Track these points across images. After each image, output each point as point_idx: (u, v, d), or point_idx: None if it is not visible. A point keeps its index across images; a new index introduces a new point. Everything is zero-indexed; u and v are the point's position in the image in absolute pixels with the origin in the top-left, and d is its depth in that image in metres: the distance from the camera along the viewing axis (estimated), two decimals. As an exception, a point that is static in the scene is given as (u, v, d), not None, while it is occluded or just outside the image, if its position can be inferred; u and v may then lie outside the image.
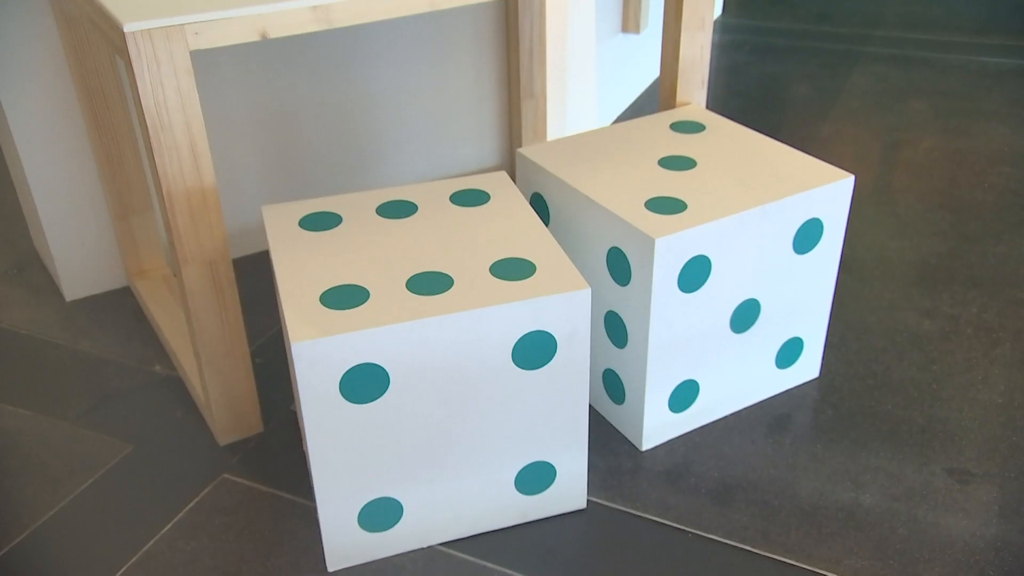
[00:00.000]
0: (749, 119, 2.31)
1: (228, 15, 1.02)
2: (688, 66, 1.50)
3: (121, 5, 1.02)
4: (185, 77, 1.01)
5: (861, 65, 2.64)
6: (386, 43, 1.75)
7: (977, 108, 2.33)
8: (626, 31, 2.37)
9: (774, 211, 1.18)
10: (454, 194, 1.23)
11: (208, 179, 1.08)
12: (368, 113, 1.79)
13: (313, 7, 1.08)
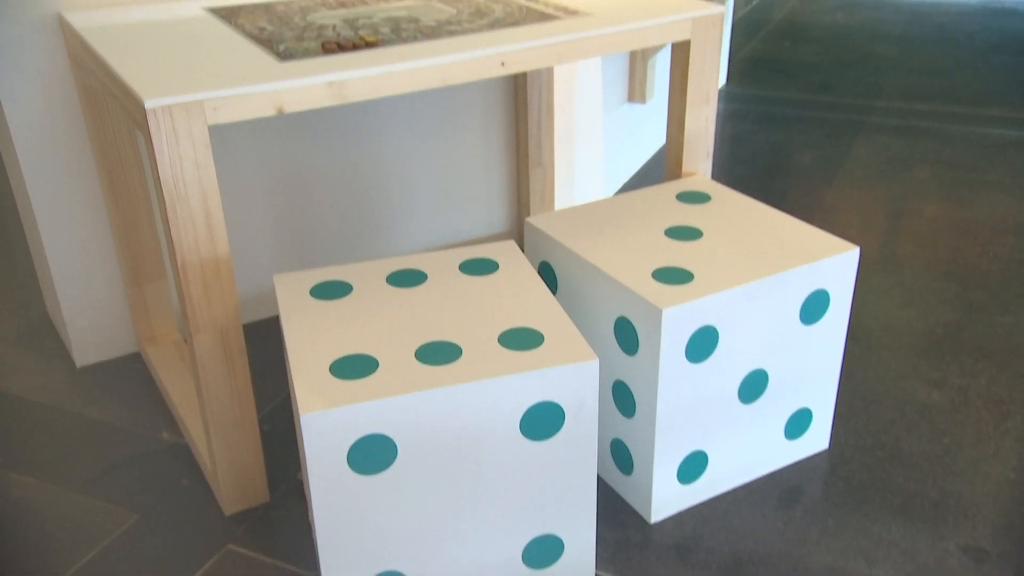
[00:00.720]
0: (754, 187, 2.34)
1: (246, 91, 1.05)
2: (693, 138, 1.52)
3: (142, 81, 1.05)
4: (203, 150, 1.03)
5: (864, 135, 2.68)
6: (397, 111, 1.79)
7: (980, 179, 2.36)
8: (632, 101, 2.42)
9: (780, 282, 1.19)
10: (463, 263, 1.24)
11: (222, 249, 1.09)
12: (379, 180, 1.82)
13: (328, 83, 1.11)
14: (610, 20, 1.35)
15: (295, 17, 1.36)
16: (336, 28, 1.31)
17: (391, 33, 1.29)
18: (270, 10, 1.40)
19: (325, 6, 1.43)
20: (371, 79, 1.14)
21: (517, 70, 1.26)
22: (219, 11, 1.38)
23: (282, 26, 1.31)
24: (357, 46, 1.22)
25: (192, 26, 1.30)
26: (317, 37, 1.26)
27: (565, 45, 1.29)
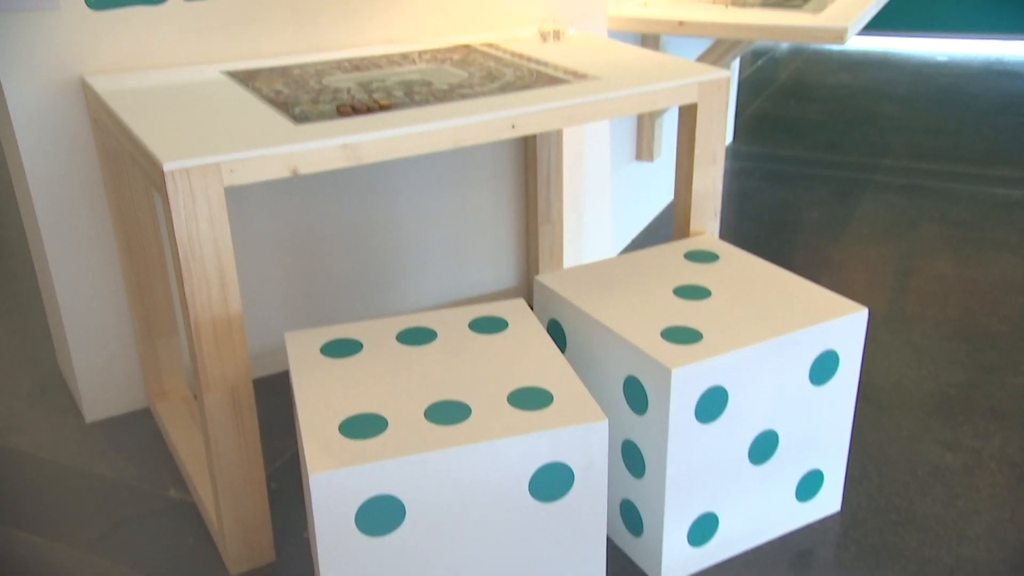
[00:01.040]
0: (761, 244, 2.35)
1: (262, 153, 1.07)
2: (701, 198, 1.54)
3: (161, 143, 1.08)
4: (218, 211, 1.05)
5: (870, 193, 2.70)
6: (408, 168, 1.81)
7: (987, 238, 2.37)
8: (640, 159, 2.45)
9: (790, 343, 1.19)
10: (473, 321, 1.25)
11: (235, 307, 1.10)
12: (390, 235, 1.84)
13: (343, 145, 1.14)
14: (618, 84, 1.37)
15: (311, 80, 1.40)
16: (351, 91, 1.34)
17: (404, 96, 1.32)
18: (286, 73, 1.44)
19: (340, 69, 1.47)
20: (384, 141, 1.17)
21: (527, 132, 1.28)
22: (237, 74, 1.42)
23: (298, 89, 1.35)
24: (371, 109, 1.25)
25: (210, 89, 1.34)
26: (332, 100, 1.29)
27: (574, 108, 1.32)
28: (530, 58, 1.54)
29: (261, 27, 1.51)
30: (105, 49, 1.38)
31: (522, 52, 1.58)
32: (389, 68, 1.48)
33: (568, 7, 1.85)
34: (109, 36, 1.37)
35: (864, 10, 1.95)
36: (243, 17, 1.49)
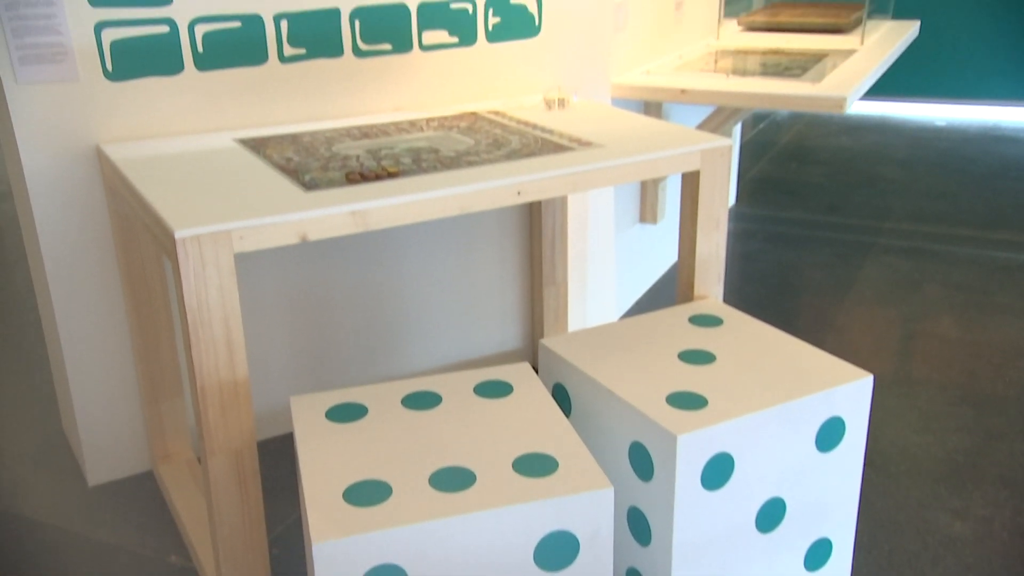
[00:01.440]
0: (765, 306, 2.36)
1: (272, 221, 1.09)
2: (704, 262, 1.56)
3: (173, 211, 1.10)
4: (228, 277, 1.07)
5: (873, 256, 2.72)
6: (415, 231, 1.84)
7: (990, 301, 2.37)
8: (644, 221, 2.48)
9: (795, 409, 1.19)
10: (477, 385, 1.25)
11: (241, 372, 1.11)
12: (396, 297, 1.85)
13: (351, 212, 1.16)
14: (622, 151, 1.40)
15: (321, 148, 1.43)
16: (360, 158, 1.37)
17: (412, 163, 1.34)
18: (297, 140, 1.47)
19: (350, 136, 1.50)
20: (392, 208, 1.19)
21: (533, 199, 1.30)
22: (249, 141, 1.45)
23: (308, 156, 1.37)
24: (380, 176, 1.27)
25: (223, 157, 1.36)
26: (341, 167, 1.32)
27: (579, 176, 1.34)
28: (535, 125, 1.57)
29: (273, 96, 1.55)
30: (121, 118, 1.41)
31: (528, 120, 1.62)
32: (397, 135, 1.51)
33: (572, 76, 1.89)
34: (125, 105, 1.41)
35: (863, 79, 1.99)
36: (256, 86, 1.52)
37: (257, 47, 1.50)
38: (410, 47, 1.66)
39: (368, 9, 1.59)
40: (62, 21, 1.30)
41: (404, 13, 1.63)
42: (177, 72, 1.43)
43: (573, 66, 1.89)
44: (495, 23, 1.75)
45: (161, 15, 1.39)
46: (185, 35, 1.42)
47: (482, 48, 1.75)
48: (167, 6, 1.39)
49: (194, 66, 1.44)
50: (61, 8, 1.29)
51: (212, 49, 1.45)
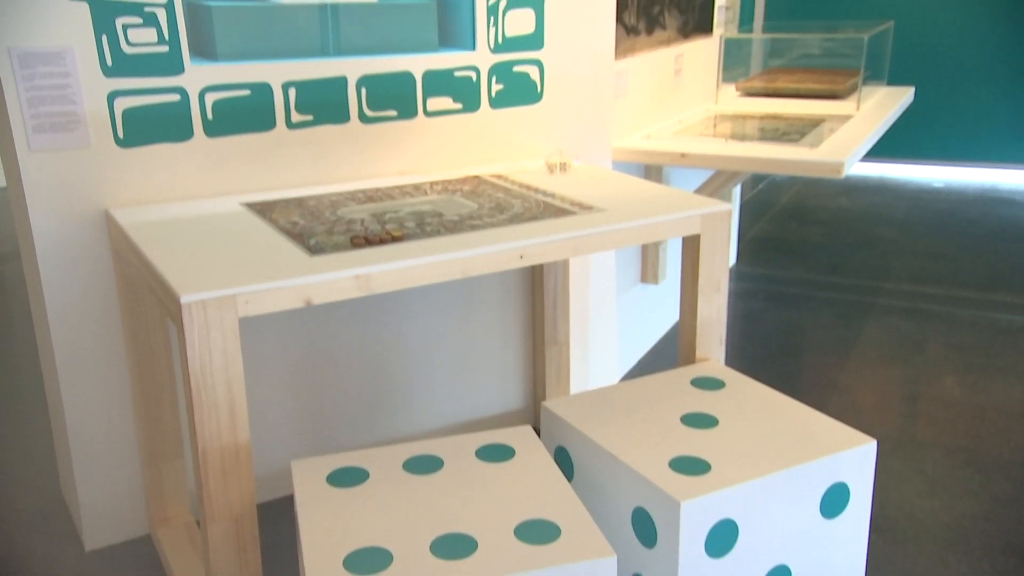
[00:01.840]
0: (767, 367, 2.36)
1: (277, 285, 1.10)
2: (706, 325, 1.56)
3: (178, 275, 1.11)
4: (232, 342, 1.07)
5: (874, 316, 2.72)
6: (417, 292, 1.85)
7: (993, 364, 2.37)
8: (645, 281, 2.49)
9: (799, 475, 1.18)
10: (479, 449, 1.24)
11: (243, 436, 1.11)
12: (398, 358, 1.85)
13: (355, 276, 1.17)
14: (623, 216, 1.42)
15: (326, 211, 1.45)
16: (364, 222, 1.39)
17: (416, 227, 1.36)
18: (303, 204, 1.49)
19: (355, 200, 1.52)
20: (396, 272, 1.20)
21: (535, 262, 1.32)
22: (255, 206, 1.47)
23: (313, 220, 1.39)
24: (384, 240, 1.29)
25: (229, 221, 1.38)
26: (346, 231, 1.33)
27: (580, 239, 1.36)
28: (537, 189, 1.60)
29: (280, 161, 1.58)
30: (130, 183, 1.44)
31: (530, 183, 1.64)
32: (402, 199, 1.53)
33: (574, 140, 1.93)
34: (135, 171, 1.43)
35: (860, 145, 2.02)
36: (263, 152, 1.55)
37: (265, 114, 1.53)
38: (415, 113, 1.70)
39: (374, 77, 1.63)
40: (77, 91, 1.33)
41: (409, 81, 1.67)
42: (187, 138, 1.46)
43: (574, 131, 1.92)
44: (498, 90, 1.79)
45: (173, 84, 1.42)
46: (195, 103, 1.45)
47: (485, 114, 1.79)
48: (179, 75, 1.42)
49: (203, 132, 1.48)
50: (76, 79, 1.32)
51: (221, 116, 1.48)
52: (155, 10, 1.37)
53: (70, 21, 1.30)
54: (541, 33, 1.80)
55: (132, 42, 1.36)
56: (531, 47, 1.80)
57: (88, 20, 1.32)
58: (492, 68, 1.76)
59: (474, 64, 1.74)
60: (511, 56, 1.78)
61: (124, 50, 1.36)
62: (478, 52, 1.74)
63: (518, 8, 1.76)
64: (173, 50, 1.40)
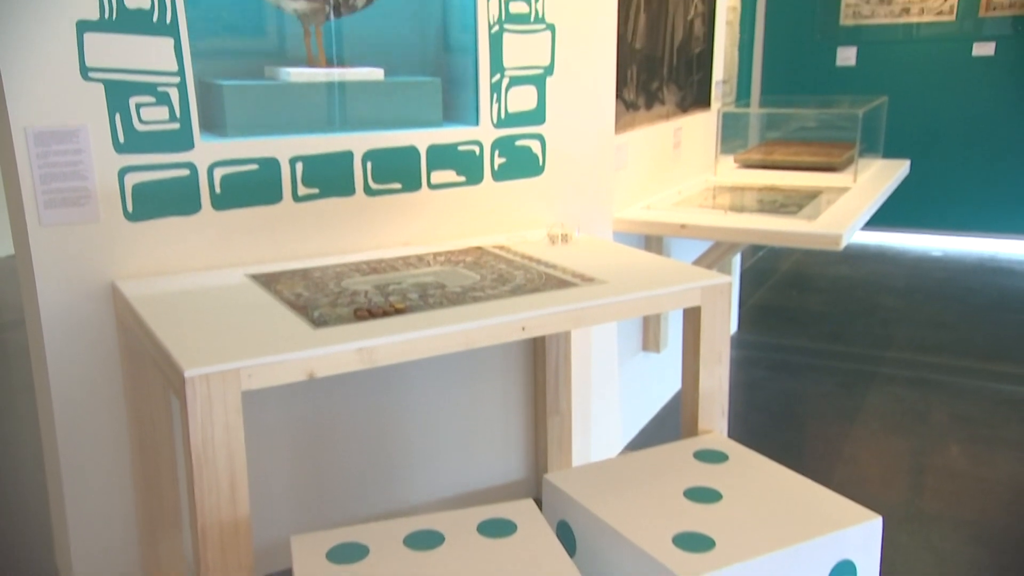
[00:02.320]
0: (770, 437, 2.34)
1: (280, 359, 1.11)
2: (708, 396, 1.56)
3: (183, 349, 1.12)
4: (234, 417, 1.08)
5: (877, 385, 2.72)
6: (419, 362, 1.85)
7: (998, 436, 2.35)
8: (647, 350, 2.49)
9: (805, 552, 1.17)
10: (481, 524, 1.23)
11: (243, 511, 1.10)
12: (399, 428, 1.84)
13: (358, 349, 1.18)
14: (624, 288, 1.43)
15: (330, 283, 1.46)
16: (368, 294, 1.40)
17: (419, 299, 1.37)
18: (307, 276, 1.51)
19: (359, 272, 1.54)
20: (398, 345, 1.21)
21: (537, 334, 1.33)
22: (260, 277, 1.49)
23: (318, 292, 1.41)
24: (387, 312, 1.30)
25: (234, 293, 1.40)
26: (350, 303, 1.35)
27: (582, 311, 1.37)
28: (539, 260, 1.61)
29: (285, 233, 1.60)
30: (137, 256, 1.45)
31: (532, 255, 1.66)
32: (405, 270, 1.55)
33: (575, 211, 1.96)
34: (142, 244, 1.45)
35: (857, 217, 2.05)
36: (269, 224, 1.58)
37: (273, 188, 1.56)
38: (419, 186, 1.73)
39: (380, 151, 1.66)
40: (88, 167, 1.36)
41: (414, 155, 1.71)
42: (194, 212, 1.49)
43: (576, 202, 1.95)
44: (501, 163, 1.82)
45: (183, 160, 1.45)
46: (204, 177, 1.48)
47: (488, 186, 1.82)
48: (189, 151, 1.45)
49: (211, 206, 1.50)
50: (88, 155, 1.36)
51: (229, 190, 1.51)
52: (168, 89, 1.41)
53: (85, 100, 1.34)
54: (543, 109, 1.85)
55: (144, 120, 1.40)
56: (533, 122, 1.84)
57: (103, 99, 1.35)
58: (495, 142, 1.80)
59: (477, 139, 1.78)
60: (514, 131, 1.82)
61: (136, 127, 1.39)
62: (481, 127, 1.78)
63: (520, 85, 1.81)
64: (184, 127, 1.44)
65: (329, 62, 1.69)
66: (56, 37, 1.30)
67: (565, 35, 1.84)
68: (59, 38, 1.30)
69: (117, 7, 1.33)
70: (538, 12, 1.78)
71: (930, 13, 4.36)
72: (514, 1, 1.75)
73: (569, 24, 1.84)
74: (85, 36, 1.32)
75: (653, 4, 2.31)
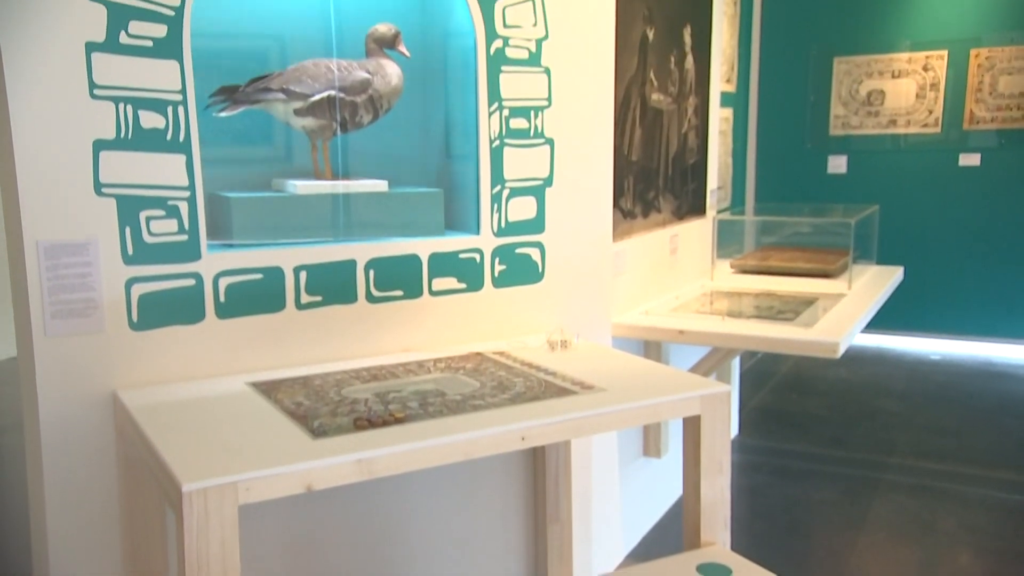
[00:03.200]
0: (775, 547, 2.30)
1: (279, 472, 1.10)
2: (710, 508, 1.54)
3: (181, 462, 1.11)
4: (230, 529, 1.06)
5: (881, 493, 2.68)
6: (418, 471, 1.83)
7: (1007, 547, 2.31)
8: (647, 455, 2.47)
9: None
10: (479, 643, 1.20)
11: (235, 631, 1.07)
12: (398, 536, 1.81)
13: (357, 461, 1.17)
14: (624, 396, 1.44)
15: (331, 391, 1.47)
16: (368, 402, 1.40)
17: (419, 407, 1.37)
18: (308, 384, 1.51)
19: (359, 379, 1.54)
20: (397, 456, 1.21)
21: (537, 444, 1.32)
22: (261, 385, 1.49)
23: (318, 401, 1.41)
24: (387, 422, 1.30)
25: (235, 402, 1.40)
26: (350, 412, 1.35)
27: (582, 421, 1.37)
28: (539, 367, 1.62)
29: (287, 340, 1.61)
30: (140, 365, 1.46)
31: (531, 361, 1.67)
32: (406, 377, 1.56)
33: (574, 317, 1.98)
34: (145, 353, 1.46)
35: (854, 325, 2.07)
36: (271, 332, 1.59)
37: (276, 296, 1.58)
38: (420, 293, 1.76)
39: (382, 260, 1.70)
40: (97, 279, 1.38)
41: (416, 263, 1.74)
42: (198, 321, 1.50)
43: (575, 308, 1.98)
44: (501, 270, 1.85)
45: (189, 270, 1.48)
46: (209, 287, 1.51)
47: (488, 293, 1.85)
48: (196, 262, 1.48)
49: (215, 315, 1.52)
50: (97, 267, 1.38)
51: (233, 299, 1.53)
52: (178, 203, 1.45)
53: (98, 215, 1.38)
54: (542, 218, 1.89)
55: (153, 232, 1.43)
56: (533, 231, 1.88)
57: (114, 213, 1.39)
58: (495, 250, 1.84)
59: (478, 247, 1.82)
60: (514, 239, 1.86)
61: (145, 240, 1.42)
62: (482, 236, 1.82)
63: (520, 196, 1.86)
64: (192, 239, 1.47)
65: (335, 174, 1.74)
66: (73, 155, 1.35)
67: (564, 149, 1.90)
68: (76, 156, 1.35)
69: (133, 126, 1.39)
70: (538, 127, 1.85)
71: (916, 125, 4.51)
72: (515, 117, 1.82)
73: (568, 138, 1.90)
74: (101, 154, 1.37)
75: (648, 119, 2.40)
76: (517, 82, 1.81)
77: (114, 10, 1.36)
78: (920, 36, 4.45)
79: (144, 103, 1.40)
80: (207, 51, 1.52)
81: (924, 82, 4.46)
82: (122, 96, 1.38)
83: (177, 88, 1.42)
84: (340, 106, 1.68)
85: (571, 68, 1.88)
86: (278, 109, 1.66)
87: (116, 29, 1.36)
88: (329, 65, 1.67)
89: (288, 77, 1.64)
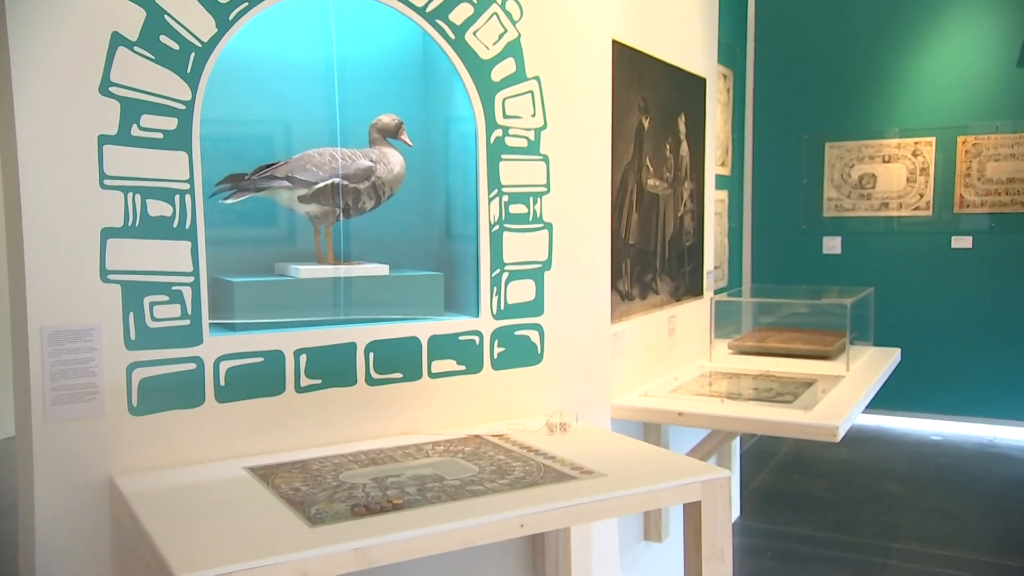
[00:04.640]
0: (781, 638, 2.24)
1: (274, 562, 1.09)
2: (712, 597, 1.51)
3: (176, 552, 1.10)
4: (225, 622, 1.05)
5: (887, 579, 2.63)
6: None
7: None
8: (648, 540, 2.43)
9: None
10: None
11: None
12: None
13: (354, 550, 1.16)
14: (623, 482, 1.43)
15: (328, 476, 1.46)
16: (366, 487, 1.39)
17: (417, 493, 1.36)
18: (305, 468, 1.50)
19: (357, 463, 1.53)
20: (395, 545, 1.19)
21: (536, 531, 1.31)
22: (258, 470, 1.48)
23: (315, 487, 1.40)
24: (385, 509, 1.29)
25: (232, 489, 1.39)
26: (348, 498, 1.34)
27: (581, 508, 1.36)
28: (538, 451, 1.61)
29: (286, 424, 1.61)
30: (138, 450, 1.45)
31: (530, 444, 1.66)
32: (404, 461, 1.55)
33: (573, 399, 1.97)
34: (143, 438, 1.46)
35: (853, 407, 2.07)
36: (270, 416, 1.59)
37: (276, 380, 1.59)
38: (420, 375, 1.76)
39: (382, 342, 1.71)
40: (99, 364, 1.39)
41: (415, 345, 1.75)
42: (198, 405, 1.51)
43: (574, 390, 1.98)
44: (500, 352, 1.86)
45: (191, 355, 1.49)
46: (210, 371, 1.51)
47: (488, 375, 1.85)
48: (198, 347, 1.49)
49: (215, 399, 1.52)
50: (100, 353, 1.39)
51: (234, 383, 1.54)
52: (182, 288, 1.47)
53: (102, 301, 1.39)
54: (541, 301, 1.91)
55: (156, 317, 1.44)
56: (532, 313, 1.90)
57: (119, 299, 1.41)
58: (494, 332, 1.85)
59: (477, 329, 1.83)
60: (513, 321, 1.88)
61: (148, 325, 1.44)
62: (482, 318, 1.83)
63: (519, 279, 1.88)
64: (194, 323, 1.48)
65: (337, 259, 1.77)
66: (81, 243, 1.37)
67: (562, 233, 1.93)
68: (84, 244, 1.38)
69: (141, 215, 1.42)
70: (536, 213, 1.89)
71: (908, 208, 4.59)
72: (514, 203, 1.86)
73: (566, 223, 1.94)
74: (108, 242, 1.39)
75: (645, 203, 2.45)
76: (516, 170, 1.85)
77: (127, 105, 1.40)
78: (908, 123, 4.57)
79: (152, 192, 1.43)
80: (214, 137, 1.57)
81: (914, 167, 4.56)
82: (131, 186, 1.41)
83: (185, 177, 1.46)
84: (343, 193, 1.72)
85: (569, 156, 1.93)
86: (282, 195, 1.69)
87: (128, 123, 1.40)
88: (333, 153, 1.72)
89: (293, 165, 1.68)
